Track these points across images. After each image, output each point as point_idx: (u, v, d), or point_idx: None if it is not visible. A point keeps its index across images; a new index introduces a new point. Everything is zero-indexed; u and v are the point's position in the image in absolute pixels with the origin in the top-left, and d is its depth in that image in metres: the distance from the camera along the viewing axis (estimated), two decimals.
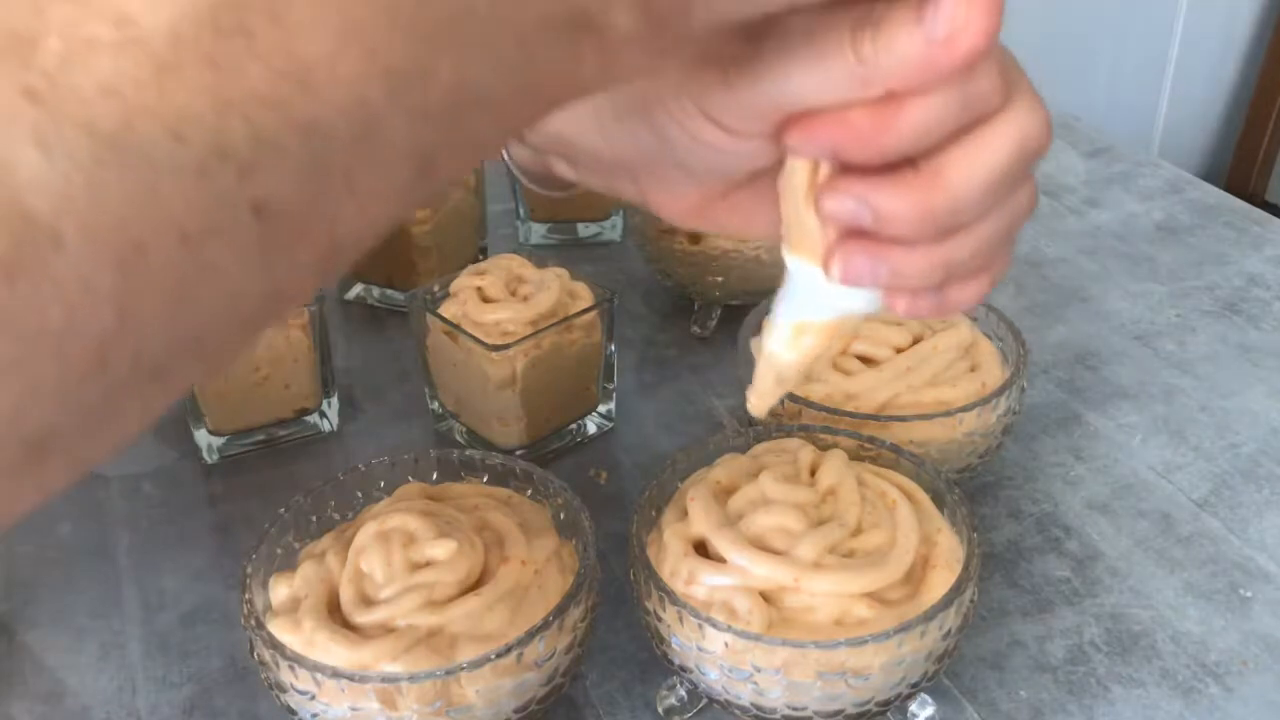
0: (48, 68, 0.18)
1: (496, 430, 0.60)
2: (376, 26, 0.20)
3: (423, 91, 0.21)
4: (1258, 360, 0.68)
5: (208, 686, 0.50)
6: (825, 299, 0.32)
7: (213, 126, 0.19)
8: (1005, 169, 0.29)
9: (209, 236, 0.19)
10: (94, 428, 0.20)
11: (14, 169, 0.17)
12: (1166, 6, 1.58)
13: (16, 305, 0.18)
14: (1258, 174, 1.69)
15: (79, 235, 0.18)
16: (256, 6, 0.19)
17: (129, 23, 0.19)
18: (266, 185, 0.20)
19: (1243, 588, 0.53)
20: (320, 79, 0.20)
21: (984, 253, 0.30)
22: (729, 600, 0.42)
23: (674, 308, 0.75)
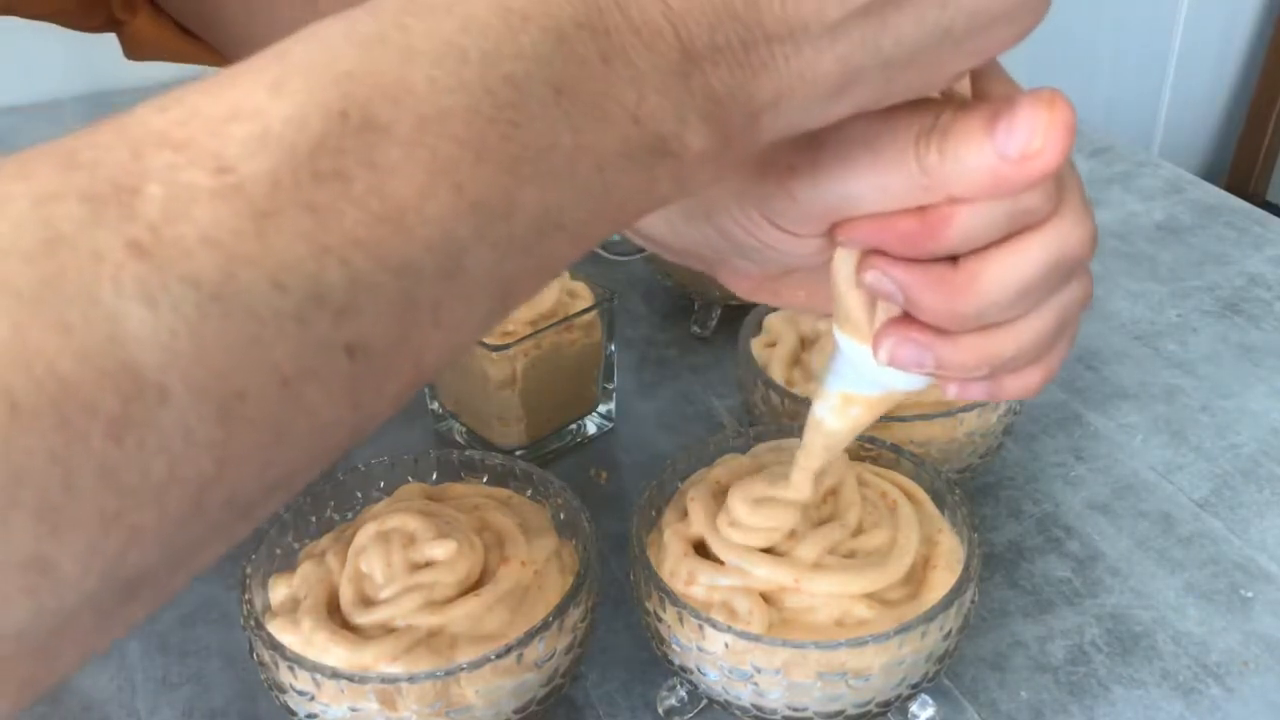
0: (152, 218, 0.18)
1: (496, 430, 0.60)
2: (464, 162, 0.21)
3: (507, 223, 0.21)
4: (1258, 360, 0.68)
5: (207, 686, 0.50)
6: (873, 375, 0.33)
7: (311, 273, 0.19)
8: (1040, 278, 0.29)
9: (305, 380, 0.20)
10: (183, 564, 0.20)
11: (122, 325, 0.18)
12: (1167, 6, 1.58)
13: (123, 460, 0.18)
14: (1258, 174, 1.69)
15: (184, 388, 0.18)
16: (352, 150, 0.20)
17: (228, 170, 0.19)
18: (360, 327, 0.20)
19: (1243, 588, 0.53)
20: (411, 219, 0.20)
21: (1030, 349, 0.31)
22: (729, 600, 0.42)
23: (674, 308, 0.75)
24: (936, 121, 0.27)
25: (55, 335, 0.17)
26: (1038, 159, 0.26)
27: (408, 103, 0.20)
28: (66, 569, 0.18)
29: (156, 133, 0.19)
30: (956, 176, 0.27)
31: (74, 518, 0.17)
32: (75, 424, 0.17)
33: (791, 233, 0.31)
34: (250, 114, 0.19)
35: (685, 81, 0.23)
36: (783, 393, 0.53)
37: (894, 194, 0.28)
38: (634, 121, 0.22)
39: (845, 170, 0.28)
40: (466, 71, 0.21)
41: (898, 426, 0.51)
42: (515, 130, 0.21)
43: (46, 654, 0.19)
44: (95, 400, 0.17)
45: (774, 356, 0.56)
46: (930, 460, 0.49)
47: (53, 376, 0.17)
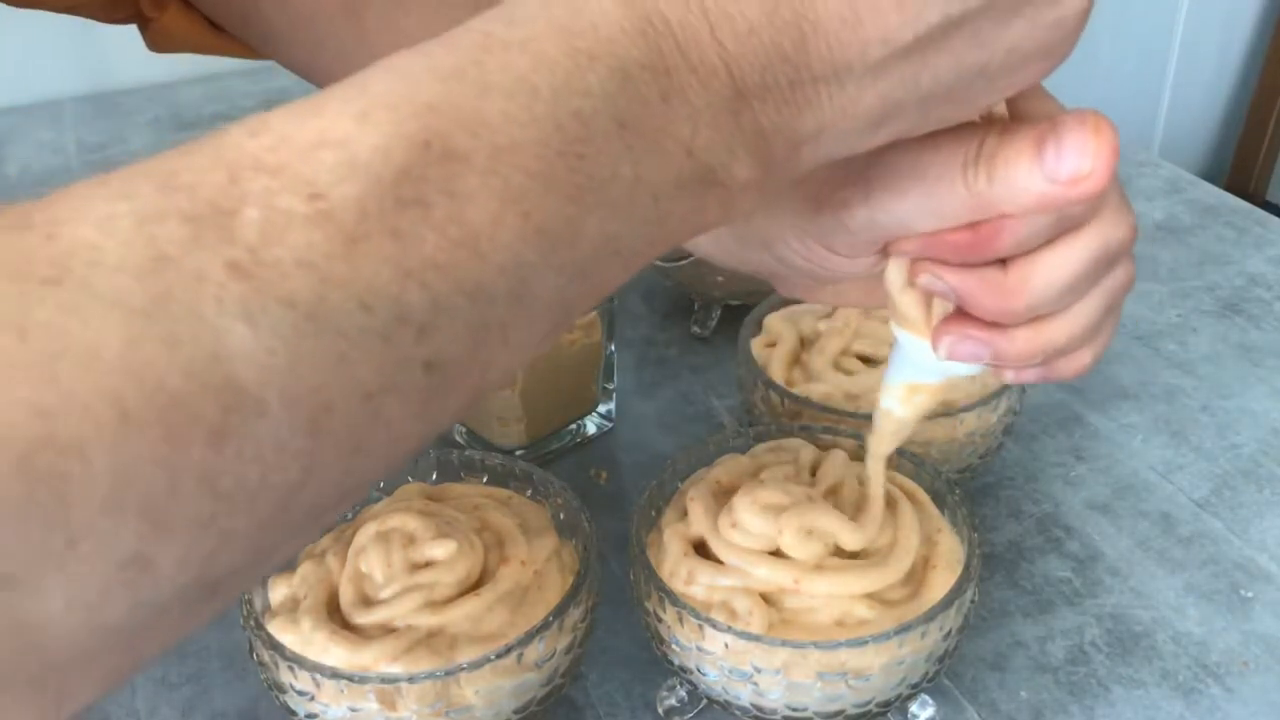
0: (250, 241, 0.19)
1: (496, 430, 0.60)
2: (533, 191, 0.22)
3: (570, 249, 0.23)
4: (1259, 360, 0.68)
5: (207, 686, 0.50)
6: (933, 365, 0.35)
7: (395, 295, 0.20)
8: (1087, 272, 0.31)
9: (387, 395, 0.21)
10: (262, 564, 0.21)
11: (225, 342, 0.19)
12: (1166, 6, 1.58)
13: (221, 467, 0.19)
14: (1258, 174, 1.69)
15: (279, 402, 0.19)
16: (433, 179, 0.21)
17: (319, 196, 0.20)
18: (437, 345, 0.21)
19: (1243, 588, 0.53)
20: (485, 244, 0.21)
21: (1081, 335, 0.33)
22: (729, 600, 0.42)
23: (674, 308, 0.75)
24: (982, 148, 0.29)
25: (165, 349, 0.18)
26: (1087, 181, 0.27)
27: (484, 135, 0.21)
28: (164, 567, 0.19)
29: (250, 156, 0.20)
30: (1007, 198, 0.28)
31: (174, 520, 0.18)
32: (180, 433, 0.18)
33: (847, 255, 0.33)
34: (338, 142, 0.21)
35: (736, 118, 0.24)
36: (783, 393, 0.53)
37: (946, 216, 0.30)
38: (688, 154, 0.24)
39: (897, 199, 0.30)
40: (538, 107, 0.22)
41: None
42: (581, 162, 0.22)
43: (134, 647, 0.20)
44: (199, 411, 0.18)
45: (774, 356, 0.56)
46: (930, 460, 0.49)
47: (161, 388, 0.18)
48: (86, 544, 0.18)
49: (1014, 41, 0.26)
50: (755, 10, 0.24)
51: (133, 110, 1.04)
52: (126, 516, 0.18)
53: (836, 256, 0.33)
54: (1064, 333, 0.32)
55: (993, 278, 0.31)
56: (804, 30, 0.24)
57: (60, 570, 0.17)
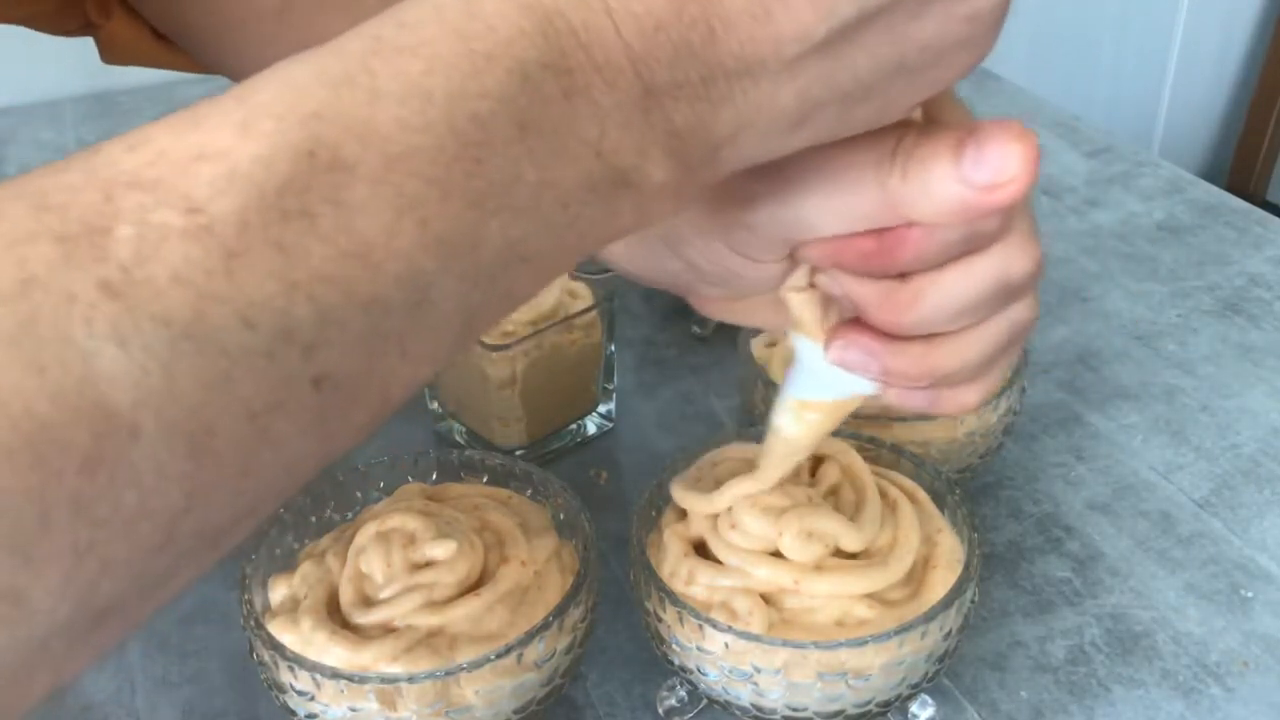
0: (123, 259, 0.18)
1: (496, 430, 0.60)
2: (429, 198, 0.21)
3: (472, 257, 0.22)
4: (1259, 360, 0.68)
5: (207, 687, 0.50)
6: (827, 381, 0.34)
7: (280, 309, 0.20)
8: (984, 297, 0.30)
9: (273, 413, 0.20)
10: (153, 593, 0.21)
11: (95, 365, 0.18)
12: (1167, 6, 1.58)
13: (95, 494, 0.18)
14: (1258, 174, 1.69)
15: (155, 425, 0.18)
16: (319, 189, 0.20)
17: (197, 210, 0.19)
18: (328, 360, 0.20)
19: (1244, 588, 0.53)
20: (379, 254, 0.21)
21: (971, 364, 0.32)
22: (729, 601, 0.42)
23: (674, 308, 0.75)
24: (899, 145, 0.28)
25: (31, 376, 0.17)
26: (1005, 189, 0.26)
27: (374, 142, 0.21)
28: (39, 600, 0.18)
29: (126, 173, 0.19)
30: (919, 201, 0.28)
31: (47, 551, 0.18)
32: (50, 462, 0.17)
33: (754, 259, 0.31)
34: (218, 154, 0.20)
35: (646, 116, 0.24)
36: None
37: (854, 217, 0.29)
38: (596, 156, 0.23)
39: (804, 197, 0.29)
40: (432, 111, 0.21)
41: (898, 426, 0.51)
42: (479, 167, 0.22)
43: (17, 682, 0.19)
44: (69, 438, 0.18)
45: (774, 356, 0.56)
46: (930, 460, 0.49)
47: (28, 416, 0.17)
48: None
49: (930, 36, 0.25)
50: (661, 7, 0.23)
51: (132, 110, 1.04)
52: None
53: (742, 259, 0.32)
54: (955, 358, 0.31)
55: (889, 288, 0.30)
56: (713, 26, 0.23)
57: None
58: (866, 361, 0.32)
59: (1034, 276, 0.31)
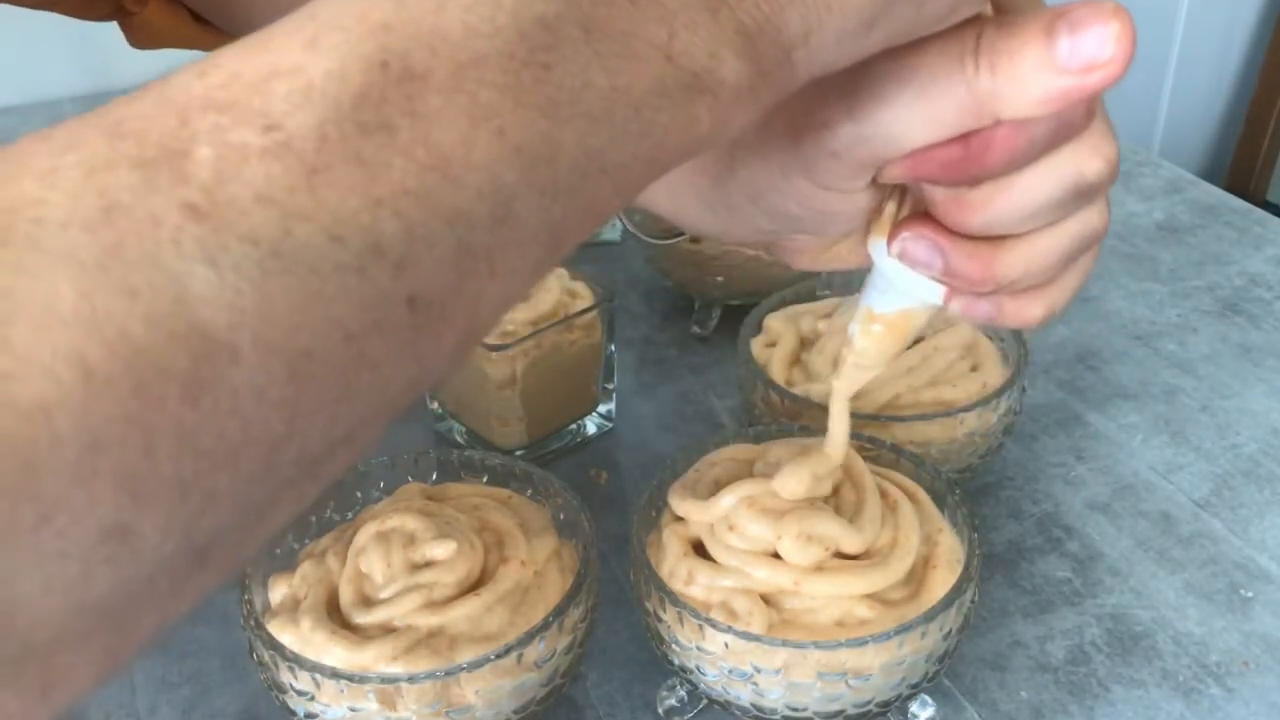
0: (204, 180, 0.18)
1: (496, 430, 0.60)
2: (503, 107, 0.21)
3: (550, 167, 0.21)
4: (1258, 360, 0.68)
5: (207, 686, 0.50)
6: (898, 288, 0.33)
7: (366, 225, 0.19)
8: (1056, 199, 0.29)
9: (369, 334, 0.20)
10: (253, 526, 0.20)
11: (187, 286, 0.17)
12: (1167, 6, 1.58)
13: (199, 423, 0.18)
14: (1258, 174, 1.69)
15: (252, 347, 0.18)
16: (393, 100, 0.20)
17: (275, 127, 0.19)
18: (419, 277, 0.20)
19: (1243, 588, 0.53)
20: (458, 166, 0.20)
21: (1037, 271, 0.31)
22: (728, 601, 0.42)
23: (674, 308, 0.75)
24: (980, 41, 0.27)
25: (123, 300, 0.17)
26: (1105, 69, 0.26)
27: (444, 50, 0.20)
28: (146, 536, 0.18)
29: (199, 96, 0.19)
30: (1011, 94, 0.26)
31: (154, 484, 0.17)
32: (151, 388, 0.17)
33: (840, 189, 0.30)
34: (290, 71, 0.20)
35: (714, 16, 0.23)
36: (783, 393, 0.53)
37: (940, 124, 0.28)
38: (666, 59, 0.23)
39: (886, 110, 0.28)
40: (500, 16, 0.21)
41: (898, 426, 0.51)
42: (549, 73, 0.21)
43: (125, 624, 0.19)
44: (168, 363, 0.17)
45: (774, 356, 0.56)
46: (930, 460, 0.49)
47: (125, 341, 0.17)
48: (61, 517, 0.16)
49: None
50: None
51: None
52: (101, 484, 0.17)
53: (827, 193, 0.31)
54: (1021, 262, 0.30)
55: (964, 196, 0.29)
56: None
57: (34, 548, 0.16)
58: (931, 256, 0.31)
59: (1109, 178, 0.30)
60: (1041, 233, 0.30)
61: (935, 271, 0.31)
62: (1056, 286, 0.32)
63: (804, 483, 0.42)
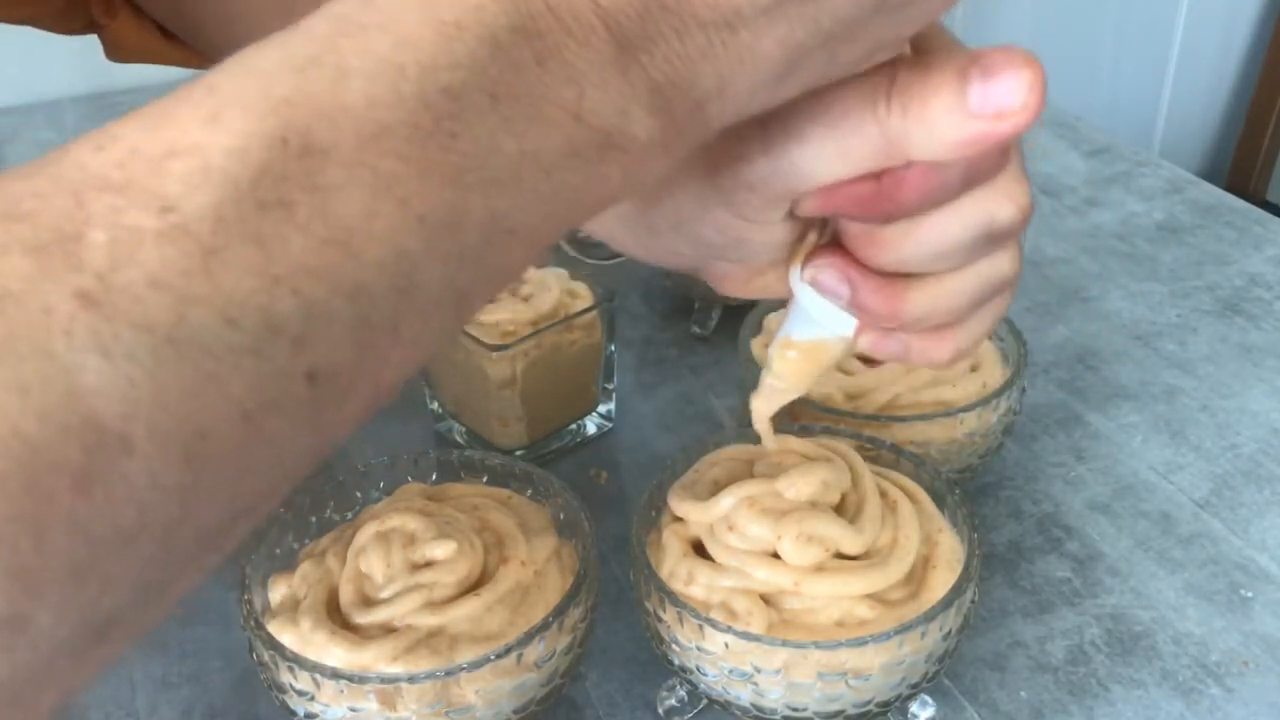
0: (98, 266, 0.18)
1: (496, 430, 0.60)
2: (407, 177, 0.20)
3: (456, 234, 0.21)
4: (1259, 360, 0.68)
5: (207, 687, 0.50)
6: (808, 320, 0.34)
7: (263, 305, 0.19)
8: (966, 242, 0.29)
9: (267, 412, 0.19)
10: (153, 601, 0.20)
11: (79, 378, 0.17)
12: (1167, 6, 1.58)
13: (92, 513, 0.17)
14: (1258, 174, 1.69)
15: (146, 435, 0.18)
16: (293, 176, 0.19)
17: (171, 209, 0.19)
18: (318, 353, 0.20)
19: (1243, 588, 0.53)
20: (359, 239, 0.20)
21: (942, 311, 0.31)
22: (728, 601, 0.42)
23: (674, 308, 0.75)
24: (894, 82, 0.27)
25: (15, 396, 0.17)
26: (1014, 117, 0.25)
27: (346, 123, 0.20)
28: (41, 623, 0.18)
29: (96, 176, 0.19)
30: (921, 137, 0.27)
31: (47, 574, 0.17)
32: (43, 484, 0.17)
33: (756, 220, 0.31)
34: (188, 149, 0.19)
35: (624, 75, 0.23)
36: None
37: (852, 161, 0.28)
38: (576, 120, 0.22)
39: (800, 146, 0.28)
40: (404, 86, 0.21)
41: (897, 426, 0.51)
42: (454, 141, 0.21)
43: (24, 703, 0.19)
44: (61, 457, 0.17)
45: None
46: (930, 460, 0.49)
47: (16, 437, 0.17)
48: None
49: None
50: None
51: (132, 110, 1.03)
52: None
53: (745, 223, 0.31)
54: (927, 300, 0.31)
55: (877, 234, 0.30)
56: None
57: None
58: (839, 286, 0.31)
59: (1021, 223, 0.30)
60: (951, 274, 0.31)
61: (843, 301, 0.32)
62: (965, 328, 0.32)
63: (814, 488, 0.42)
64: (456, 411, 0.63)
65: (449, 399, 0.63)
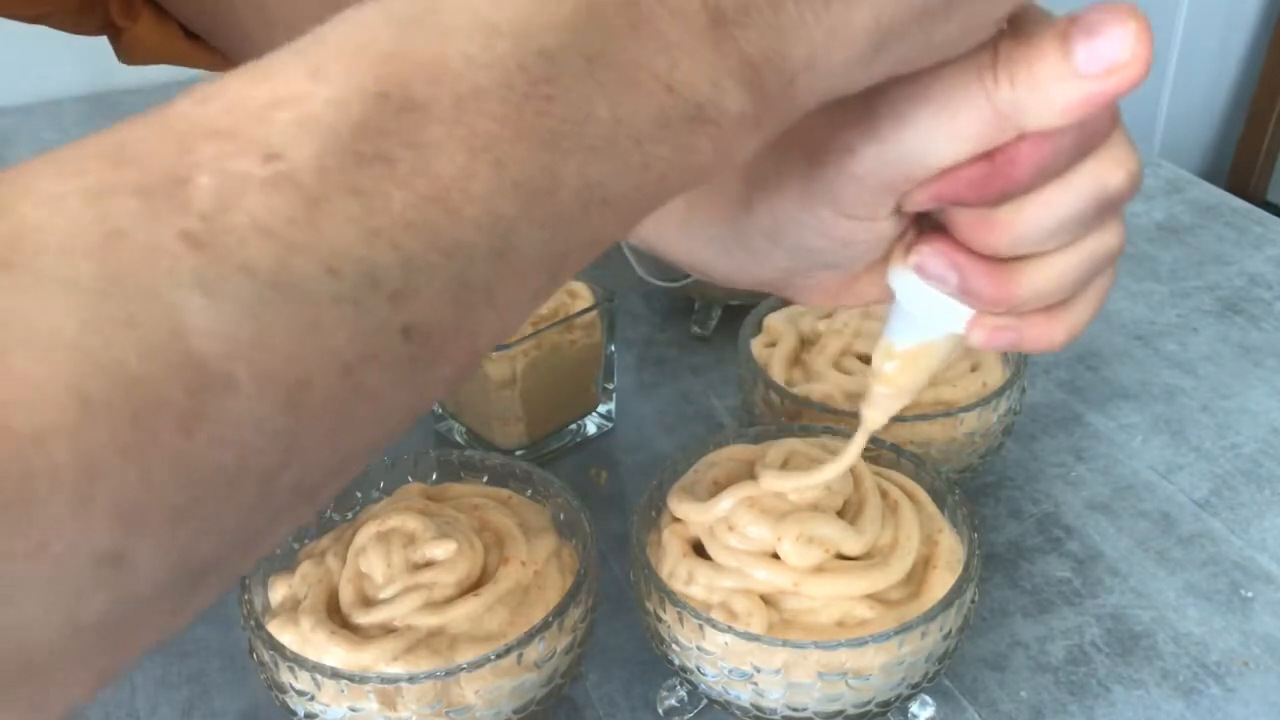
0: (204, 209, 0.18)
1: (496, 430, 0.60)
2: (502, 139, 0.20)
3: (551, 199, 0.21)
4: (1259, 360, 0.68)
5: (207, 686, 0.50)
6: (912, 323, 0.33)
7: (363, 256, 0.19)
8: (1080, 214, 0.29)
9: (366, 365, 0.20)
10: (249, 549, 0.20)
11: (183, 317, 0.17)
12: (1167, 6, 1.58)
13: (194, 453, 0.18)
14: (1258, 174, 1.69)
15: (249, 377, 0.18)
16: (394, 131, 0.20)
17: (276, 157, 0.19)
18: (416, 309, 0.20)
19: (1243, 588, 0.53)
20: (457, 198, 0.20)
21: (1053, 291, 0.31)
22: (728, 601, 0.42)
23: (674, 308, 0.75)
24: (996, 54, 0.26)
25: (121, 330, 0.17)
26: (1125, 70, 0.25)
27: (445, 80, 0.20)
28: (141, 562, 0.18)
29: (202, 124, 0.19)
30: (1033, 104, 0.26)
31: (148, 512, 0.17)
32: (146, 418, 0.17)
33: (863, 218, 0.30)
34: (292, 99, 0.19)
35: (716, 46, 0.23)
36: (783, 393, 0.53)
37: (963, 141, 0.27)
38: (668, 90, 0.22)
39: (907, 130, 0.28)
40: (500, 46, 0.21)
41: (898, 426, 0.51)
42: (550, 105, 0.21)
43: (121, 644, 0.19)
44: (164, 393, 0.17)
45: (774, 356, 0.56)
46: (930, 460, 0.49)
47: (122, 371, 0.17)
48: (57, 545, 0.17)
49: None
50: None
51: (132, 110, 1.02)
52: (97, 512, 0.17)
53: (850, 221, 0.30)
54: (1037, 280, 0.30)
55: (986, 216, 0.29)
56: None
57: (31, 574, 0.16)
58: (946, 271, 0.30)
59: (1131, 190, 0.29)
60: (1060, 251, 0.30)
61: (951, 287, 0.31)
62: (1074, 308, 0.32)
63: (817, 492, 0.42)
64: (456, 411, 0.63)
65: (449, 399, 0.63)
